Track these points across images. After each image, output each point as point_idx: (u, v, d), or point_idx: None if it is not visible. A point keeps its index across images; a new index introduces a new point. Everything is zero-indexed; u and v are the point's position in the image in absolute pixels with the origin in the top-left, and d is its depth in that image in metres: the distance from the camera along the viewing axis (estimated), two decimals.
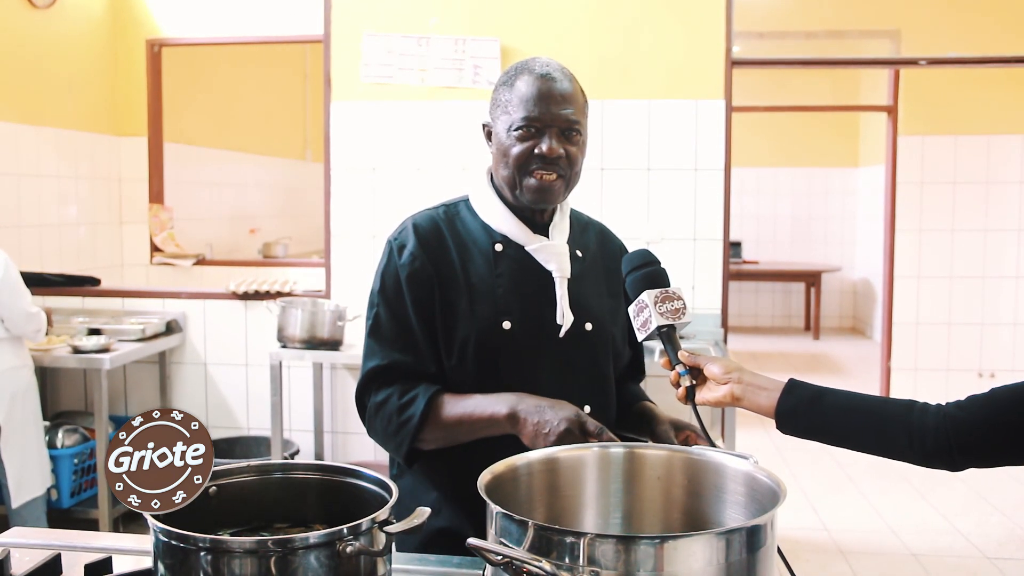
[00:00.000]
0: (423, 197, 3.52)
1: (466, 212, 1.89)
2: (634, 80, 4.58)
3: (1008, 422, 1.39)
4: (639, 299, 1.63)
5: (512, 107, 1.78)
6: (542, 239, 1.83)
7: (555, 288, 1.82)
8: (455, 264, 1.81)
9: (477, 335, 1.77)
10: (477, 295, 1.79)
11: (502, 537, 1.18)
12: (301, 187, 8.69)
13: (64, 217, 5.39)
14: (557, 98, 1.76)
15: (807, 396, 1.49)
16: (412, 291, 1.80)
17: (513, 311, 1.79)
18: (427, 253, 1.81)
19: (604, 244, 2.00)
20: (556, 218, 1.88)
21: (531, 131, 1.76)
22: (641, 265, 1.67)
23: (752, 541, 1.15)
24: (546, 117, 1.75)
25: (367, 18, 4.66)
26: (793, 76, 9.92)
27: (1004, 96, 6.60)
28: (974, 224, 6.75)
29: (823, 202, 11.14)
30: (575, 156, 1.79)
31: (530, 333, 1.80)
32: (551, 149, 1.74)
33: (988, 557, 4.35)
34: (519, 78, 1.80)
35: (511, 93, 1.79)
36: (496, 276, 1.81)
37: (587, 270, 1.90)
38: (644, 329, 1.62)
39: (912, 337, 6.77)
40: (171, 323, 4.93)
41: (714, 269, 4.60)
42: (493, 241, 1.83)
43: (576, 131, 1.78)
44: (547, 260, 1.82)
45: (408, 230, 1.85)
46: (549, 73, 1.79)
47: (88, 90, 5.59)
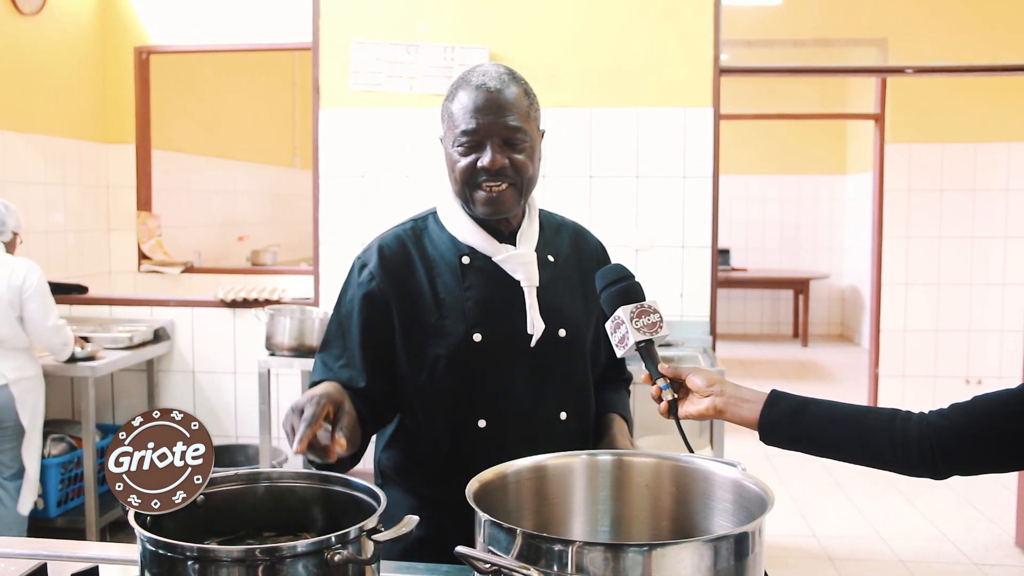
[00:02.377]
0: (412, 204, 3.52)
1: (434, 225, 1.88)
2: (622, 88, 4.59)
3: (991, 429, 1.39)
4: (615, 315, 1.60)
5: (454, 120, 1.76)
6: (508, 248, 1.81)
7: (525, 297, 1.81)
8: (422, 281, 1.81)
9: (448, 350, 1.77)
10: (446, 310, 1.79)
11: (490, 545, 1.18)
12: (290, 194, 8.68)
13: (52, 224, 5.37)
14: (494, 107, 1.72)
15: (790, 407, 1.49)
16: (364, 311, 1.81)
17: (483, 323, 1.78)
18: (387, 274, 1.80)
19: (579, 245, 1.97)
20: (524, 224, 1.86)
21: (472, 145, 1.73)
22: (615, 281, 1.63)
23: (740, 548, 1.16)
24: (483, 129, 1.72)
25: (356, 26, 4.67)
26: (781, 84, 9.96)
27: (990, 104, 6.63)
28: (961, 231, 6.78)
29: (811, 209, 11.17)
30: (522, 164, 1.75)
31: (501, 344, 1.79)
32: (493, 161, 1.72)
33: (975, 563, 4.37)
34: (459, 91, 1.77)
35: (452, 105, 1.77)
36: (464, 289, 1.80)
37: (559, 275, 1.88)
38: (622, 345, 1.59)
39: (900, 344, 6.79)
40: (159, 331, 4.91)
41: (702, 276, 4.60)
42: (460, 254, 1.82)
43: (519, 139, 1.74)
44: (514, 270, 1.81)
45: (372, 250, 1.85)
46: (485, 84, 1.73)
47: (76, 97, 5.58)
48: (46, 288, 4.00)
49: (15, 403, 3.92)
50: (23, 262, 3.96)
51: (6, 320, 3.87)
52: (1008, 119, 6.67)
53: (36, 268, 3.98)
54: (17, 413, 3.93)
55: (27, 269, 3.94)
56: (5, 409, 3.90)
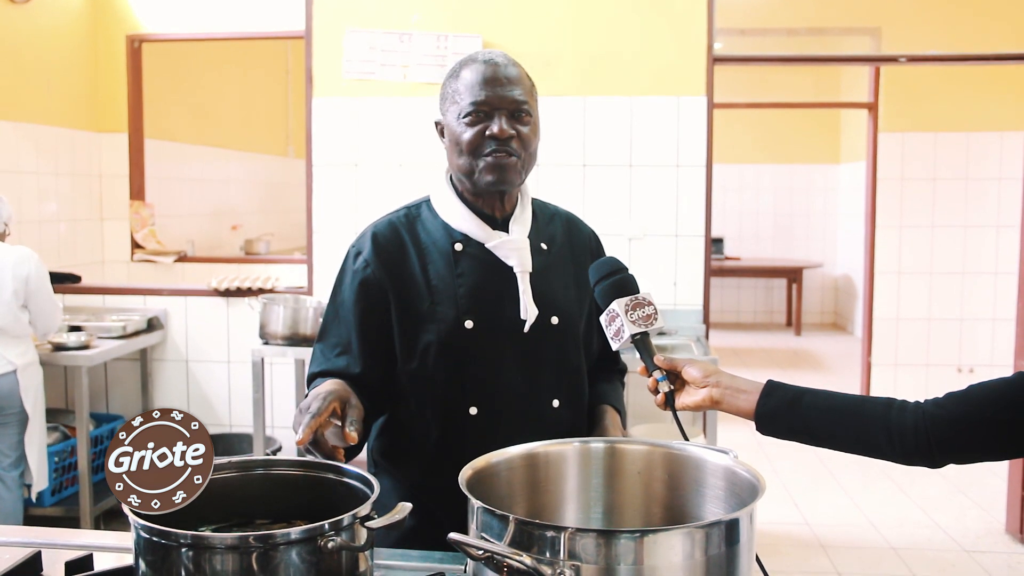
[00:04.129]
0: (405, 193, 3.51)
1: (427, 213, 1.88)
2: (616, 76, 4.59)
3: (985, 418, 1.40)
4: (609, 309, 1.61)
5: (460, 95, 1.78)
6: (501, 234, 1.82)
7: (518, 283, 1.82)
8: (414, 267, 1.81)
9: (439, 337, 1.78)
10: (439, 297, 1.79)
11: (483, 532, 1.18)
12: (283, 183, 8.66)
13: (44, 214, 5.35)
14: (503, 80, 1.77)
15: (786, 398, 1.50)
16: (360, 298, 1.81)
17: (475, 310, 1.79)
18: (381, 260, 1.81)
19: (572, 234, 1.98)
20: (517, 211, 1.87)
21: (480, 115, 1.76)
22: (609, 274, 1.64)
23: (731, 535, 1.16)
24: (493, 100, 1.75)
25: (349, 14, 4.65)
26: (775, 73, 9.95)
27: (983, 93, 6.64)
28: (953, 220, 6.80)
29: (804, 198, 11.18)
30: (528, 137, 1.79)
31: (493, 331, 1.80)
32: (502, 130, 1.74)
33: (966, 550, 4.39)
34: (464, 68, 1.81)
35: (458, 83, 1.80)
36: (457, 276, 1.80)
37: (553, 262, 1.89)
38: (618, 338, 1.60)
39: (892, 333, 6.82)
40: (152, 320, 4.91)
41: (696, 265, 4.61)
42: (453, 241, 1.82)
43: (526, 112, 1.78)
44: (507, 256, 1.81)
45: (366, 236, 1.86)
46: (492, 59, 1.79)
47: (68, 86, 5.56)
48: (47, 275, 4.05)
49: (19, 389, 3.95)
50: (23, 251, 3.98)
51: (9, 309, 3.90)
52: (1001, 108, 6.68)
53: (35, 255, 4.01)
54: (21, 399, 3.96)
55: (29, 258, 3.97)
56: (10, 395, 3.93)
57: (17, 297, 3.91)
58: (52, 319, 4.09)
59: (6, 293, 3.88)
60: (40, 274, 3.99)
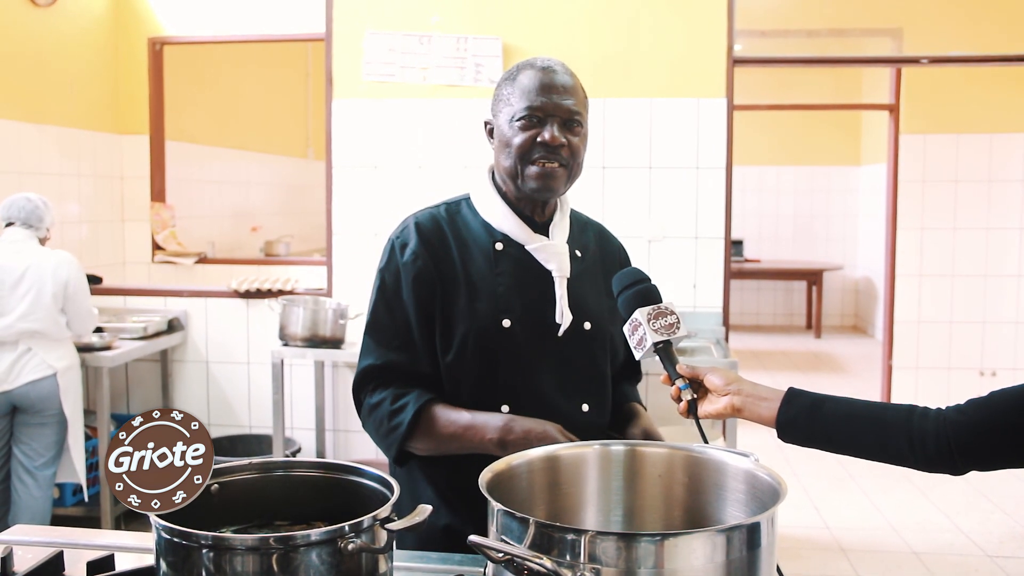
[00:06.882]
0: (425, 195, 3.53)
1: (467, 211, 1.89)
2: (636, 78, 4.58)
3: (1008, 424, 1.38)
4: (632, 318, 1.63)
5: (514, 99, 1.79)
6: (542, 238, 1.83)
7: (554, 287, 1.82)
8: (456, 262, 1.82)
9: (476, 332, 1.78)
10: (477, 293, 1.80)
11: (503, 534, 1.18)
12: (303, 185, 8.69)
13: (66, 215, 5.39)
14: (559, 89, 1.78)
15: (807, 405, 1.50)
16: (415, 290, 1.80)
17: (513, 309, 1.79)
18: (429, 252, 1.81)
19: (603, 244, 2.01)
20: (556, 217, 1.89)
21: (533, 121, 1.77)
22: (632, 284, 1.67)
23: (752, 539, 1.15)
24: (548, 107, 1.77)
25: (369, 16, 4.67)
26: (795, 74, 9.90)
27: (1006, 94, 6.58)
28: (976, 222, 6.74)
29: (825, 200, 11.13)
30: (577, 147, 1.80)
31: (529, 331, 1.80)
32: (553, 137, 1.75)
33: (989, 555, 4.35)
34: (521, 72, 1.82)
35: (513, 86, 1.81)
36: (496, 275, 1.81)
37: (586, 270, 1.91)
38: (640, 347, 1.62)
39: (914, 336, 6.76)
40: (173, 321, 4.93)
41: (715, 267, 4.59)
42: (494, 240, 1.83)
43: (578, 122, 1.80)
44: (547, 260, 1.83)
45: (410, 228, 1.85)
46: (551, 66, 1.82)
47: (90, 88, 5.60)
48: (85, 279, 4.11)
49: (59, 392, 3.99)
50: (62, 255, 4.04)
51: (49, 313, 3.94)
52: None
53: (74, 260, 4.07)
54: (61, 402, 4.00)
55: (69, 262, 4.02)
56: (49, 398, 3.97)
57: (56, 301, 3.95)
58: (87, 322, 4.14)
59: (46, 297, 3.91)
60: (78, 278, 4.03)
